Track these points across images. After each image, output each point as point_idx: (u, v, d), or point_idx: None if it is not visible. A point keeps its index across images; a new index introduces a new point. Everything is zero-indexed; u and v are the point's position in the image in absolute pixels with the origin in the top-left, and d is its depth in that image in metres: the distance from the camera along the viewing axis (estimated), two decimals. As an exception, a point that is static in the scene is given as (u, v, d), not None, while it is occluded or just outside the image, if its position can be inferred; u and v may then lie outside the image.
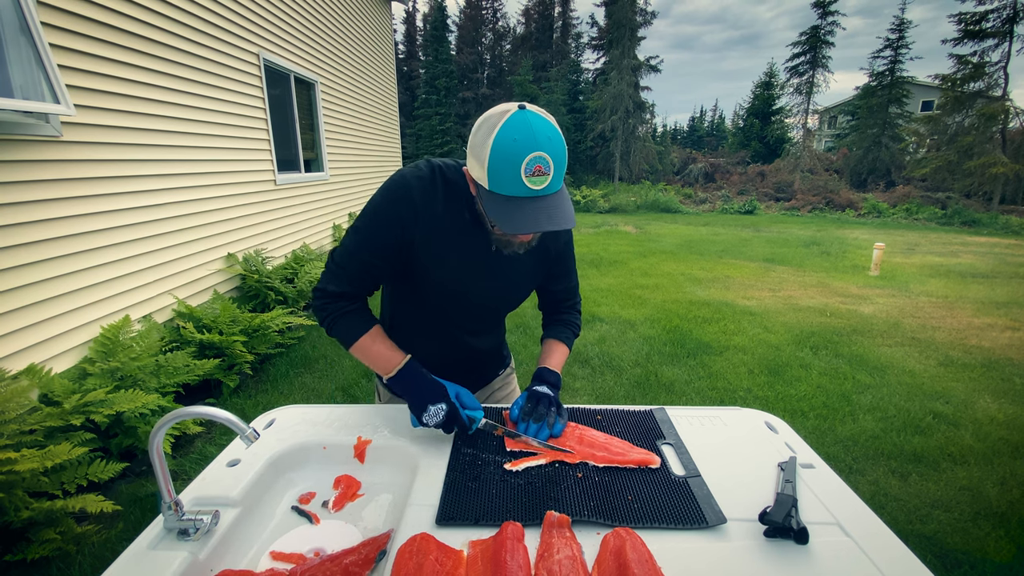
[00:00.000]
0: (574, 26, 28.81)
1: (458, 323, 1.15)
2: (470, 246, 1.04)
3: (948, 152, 16.15)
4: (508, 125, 0.82)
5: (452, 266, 1.04)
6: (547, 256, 1.15)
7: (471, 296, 1.10)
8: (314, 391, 3.30)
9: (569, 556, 0.72)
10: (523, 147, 0.82)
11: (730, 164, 23.48)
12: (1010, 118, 15.20)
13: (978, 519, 2.17)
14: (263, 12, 5.00)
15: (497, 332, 1.29)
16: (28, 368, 2.41)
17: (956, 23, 15.73)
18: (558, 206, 0.87)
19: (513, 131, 0.82)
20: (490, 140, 0.83)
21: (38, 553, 1.79)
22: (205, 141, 4.01)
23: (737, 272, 7.17)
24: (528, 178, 0.83)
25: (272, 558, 0.83)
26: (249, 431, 0.75)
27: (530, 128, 0.82)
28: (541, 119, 0.84)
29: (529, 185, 0.84)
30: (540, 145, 0.82)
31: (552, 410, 1.05)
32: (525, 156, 0.82)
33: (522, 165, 0.82)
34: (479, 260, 1.05)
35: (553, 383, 1.13)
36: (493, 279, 1.09)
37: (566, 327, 1.27)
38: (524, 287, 1.16)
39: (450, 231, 1.02)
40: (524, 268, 1.12)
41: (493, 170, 0.84)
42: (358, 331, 1.06)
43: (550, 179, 0.85)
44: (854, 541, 0.77)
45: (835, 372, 3.70)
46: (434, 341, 1.16)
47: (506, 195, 0.86)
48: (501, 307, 1.18)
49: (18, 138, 2.44)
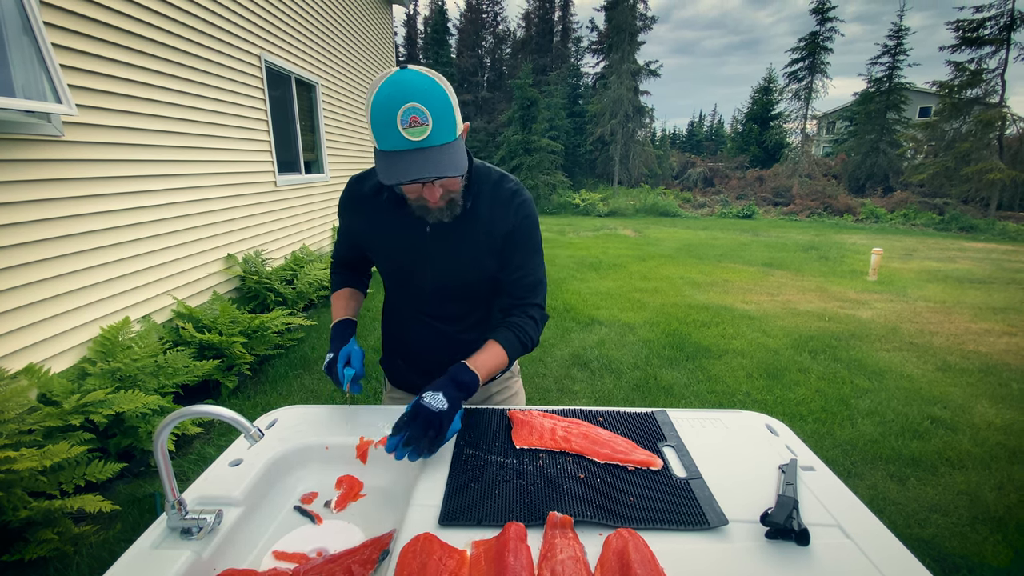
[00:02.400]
0: (574, 30, 28.90)
1: (426, 310, 1.19)
2: (403, 228, 1.10)
3: (945, 158, 16.21)
4: (385, 83, 0.86)
5: (391, 249, 1.14)
6: (492, 234, 1.10)
7: (417, 278, 1.14)
8: (313, 392, 3.30)
9: (572, 556, 0.73)
10: (397, 100, 0.84)
11: (729, 169, 23.54)
12: (1007, 125, 15.27)
13: (976, 523, 2.17)
14: (265, 14, 5.01)
15: (477, 317, 1.22)
16: (27, 368, 2.41)
17: (954, 30, 15.83)
18: (440, 155, 0.89)
19: (388, 88, 0.85)
20: (370, 100, 0.87)
21: (35, 553, 1.79)
22: (206, 142, 4.02)
23: (736, 276, 7.18)
24: (405, 129, 0.85)
25: (275, 558, 0.84)
26: (254, 430, 0.75)
27: (402, 83, 0.85)
28: (419, 74, 0.87)
29: (407, 136, 0.86)
30: (414, 96, 0.84)
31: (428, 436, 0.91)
32: (399, 108, 0.84)
33: (397, 117, 0.84)
34: (415, 241, 1.10)
35: (461, 384, 0.99)
36: (433, 259, 1.11)
37: (510, 328, 1.12)
38: (473, 267, 1.12)
39: (382, 216, 1.12)
40: (467, 246, 1.09)
41: (375, 128, 0.87)
42: (333, 289, 1.32)
43: (429, 130, 0.86)
44: (855, 543, 0.77)
45: (833, 376, 3.70)
46: (414, 330, 1.22)
47: (388, 149, 0.88)
48: (455, 289, 1.14)
49: (20, 137, 2.45)
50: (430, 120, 0.86)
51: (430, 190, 0.96)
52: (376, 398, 3.23)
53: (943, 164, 16.17)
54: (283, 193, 5.46)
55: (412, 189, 0.98)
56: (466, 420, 1.12)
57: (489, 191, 1.10)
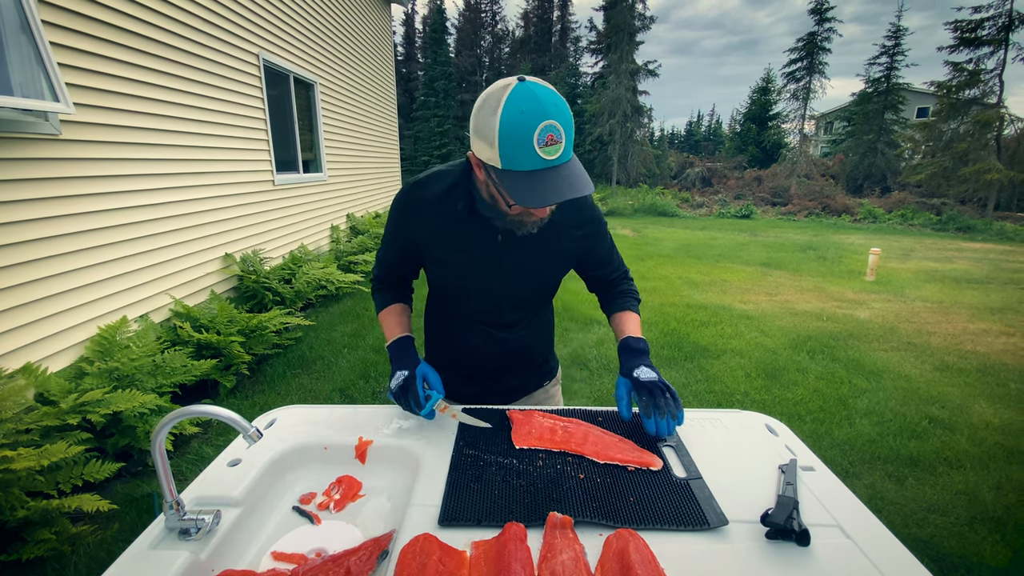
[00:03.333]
0: (573, 30, 28.92)
1: (485, 319, 1.18)
2: (473, 237, 1.06)
3: (943, 158, 16.25)
4: (513, 98, 0.80)
5: (458, 258, 1.09)
6: (564, 245, 1.11)
7: (483, 287, 1.12)
8: (311, 392, 3.29)
9: (572, 557, 0.73)
10: (533, 118, 0.79)
11: (727, 169, 23.57)
12: (1005, 125, 15.32)
13: (974, 523, 2.18)
14: (263, 12, 5.00)
15: (533, 329, 1.24)
16: (24, 367, 2.40)
17: (952, 30, 15.86)
18: (575, 174, 0.85)
19: (519, 103, 0.80)
20: (496, 117, 0.81)
21: (33, 553, 1.78)
22: (204, 141, 4.01)
23: (734, 276, 7.19)
24: (542, 148, 0.81)
25: (273, 558, 0.83)
26: (252, 430, 0.75)
27: (536, 98, 0.80)
28: (544, 88, 0.82)
29: (544, 156, 0.82)
30: (549, 113, 0.80)
31: (668, 399, 1.00)
32: (536, 126, 0.79)
33: (534, 136, 0.80)
34: (486, 250, 1.07)
35: (645, 352, 1.10)
36: (504, 268, 1.09)
37: (628, 295, 1.23)
38: (545, 274, 1.13)
39: (448, 227, 1.06)
40: (542, 253, 1.09)
41: (505, 147, 0.81)
42: (382, 305, 1.25)
43: (563, 147, 0.83)
44: (855, 543, 0.77)
45: (832, 376, 3.71)
46: (469, 339, 1.21)
47: (522, 170, 0.83)
48: (521, 297, 1.15)
49: (17, 136, 2.44)
50: (563, 137, 0.82)
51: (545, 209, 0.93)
52: (375, 397, 3.23)
53: (941, 164, 16.22)
54: (281, 192, 5.45)
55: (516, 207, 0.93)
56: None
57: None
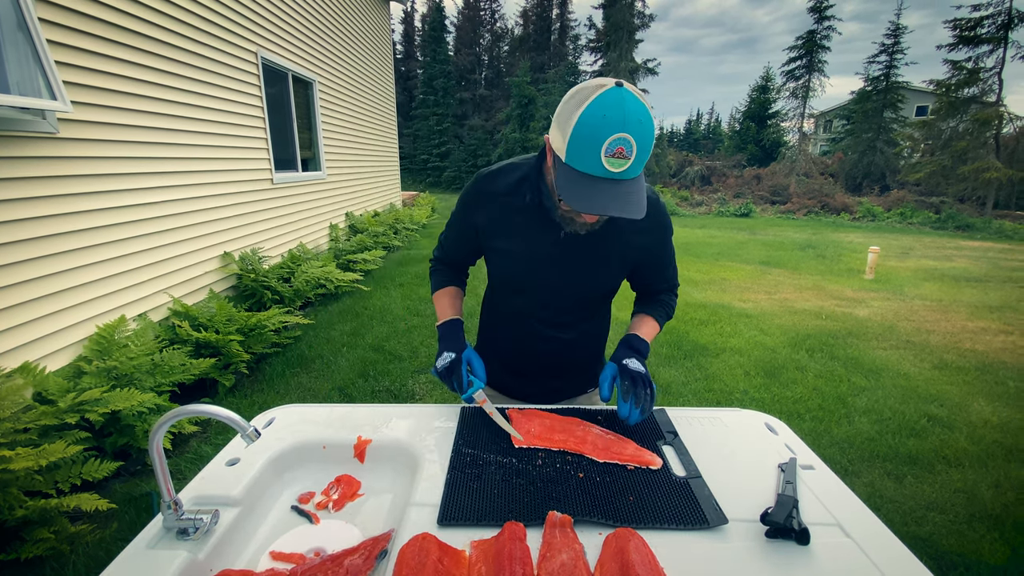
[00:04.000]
0: (572, 28, 28.89)
1: (541, 315, 1.17)
2: (535, 231, 1.07)
3: (942, 157, 16.26)
4: (600, 100, 0.79)
5: (519, 252, 1.09)
6: (627, 250, 1.09)
7: (541, 284, 1.11)
8: (310, 391, 3.29)
9: (571, 556, 0.72)
10: (610, 126, 0.78)
11: (726, 167, 23.55)
12: (1004, 123, 15.32)
13: (973, 521, 2.18)
14: (261, 11, 4.98)
15: (585, 334, 1.23)
16: (22, 366, 2.39)
17: (951, 29, 15.85)
18: (631, 193, 0.84)
19: (604, 107, 0.79)
20: (578, 112, 0.80)
21: (32, 552, 1.77)
22: (202, 139, 4.00)
23: (733, 275, 7.19)
24: (607, 158, 0.80)
25: (272, 558, 0.83)
26: (250, 430, 0.75)
27: (622, 108, 0.78)
28: (636, 101, 0.80)
29: (607, 166, 0.81)
30: (628, 127, 0.79)
31: (646, 393, 1.01)
32: (609, 135, 0.79)
33: (604, 144, 0.79)
34: (547, 247, 1.07)
35: (643, 353, 1.10)
36: (564, 266, 1.08)
37: (660, 305, 1.22)
38: (603, 276, 1.12)
39: (513, 216, 1.07)
40: (603, 256, 1.08)
41: (574, 143, 0.81)
42: (437, 286, 1.28)
43: (630, 164, 0.81)
44: (855, 542, 0.77)
45: (831, 375, 3.71)
46: (522, 335, 1.21)
47: (581, 171, 0.83)
48: (578, 297, 1.14)
49: (15, 134, 2.43)
50: (634, 154, 0.81)
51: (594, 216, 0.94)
52: (374, 396, 3.22)
53: (940, 163, 16.22)
54: (280, 191, 5.44)
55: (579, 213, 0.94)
56: (464, 419, 1.11)
57: None
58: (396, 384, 3.38)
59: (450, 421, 1.12)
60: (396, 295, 5.54)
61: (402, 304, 5.19)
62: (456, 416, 1.13)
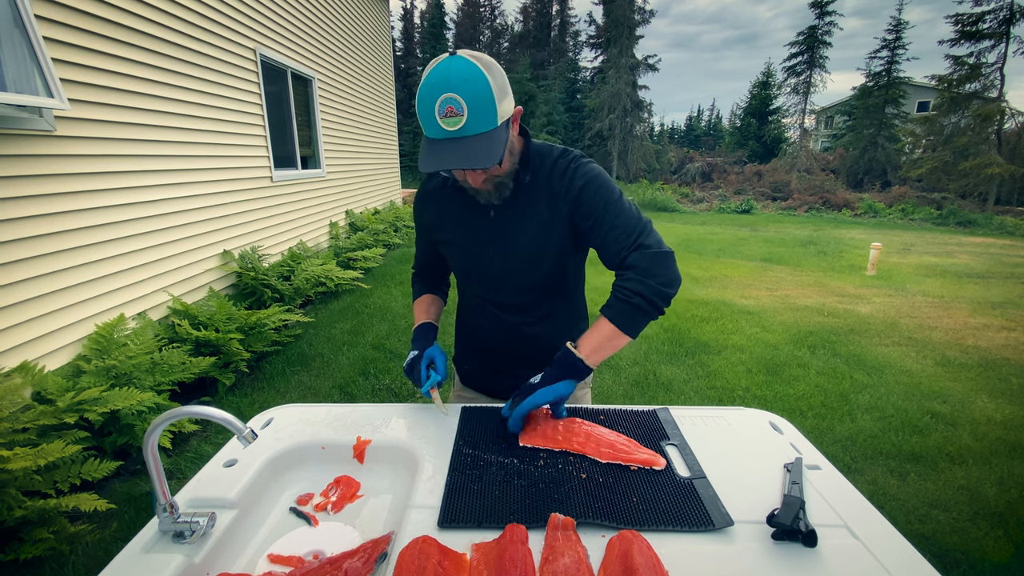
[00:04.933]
0: (572, 24, 28.80)
1: (493, 298, 1.19)
2: (469, 216, 1.12)
3: (944, 153, 16.22)
4: (432, 71, 0.88)
5: (459, 236, 1.15)
6: (556, 208, 1.06)
7: (484, 264, 1.14)
8: (311, 389, 3.28)
9: (574, 559, 0.71)
10: (437, 89, 0.86)
11: (727, 164, 23.51)
12: (1006, 119, 15.30)
13: (976, 519, 2.17)
14: (260, 7, 4.96)
15: (550, 319, 1.19)
16: (21, 365, 2.38)
17: (953, 24, 15.81)
18: (473, 147, 0.90)
19: (433, 75, 0.87)
20: (419, 87, 0.90)
21: (31, 553, 1.77)
22: (201, 137, 3.98)
23: (734, 271, 7.17)
24: (442, 119, 0.87)
25: (270, 561, 0.82)
26: (247, 431, 0.73)
27: (448, 71, 0.86)
28: (464, 62, 0.87)
29: (444, 126, 0.88)
30: (452, 87, 0.85)
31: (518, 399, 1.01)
32: (437, 98, 0.86)
33: (435, 106, 0.87)
34: (480, 226, 1.11)
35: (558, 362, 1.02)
36: (498, 242, 1.10)
37: (613, 295, 1.02)
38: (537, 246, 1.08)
39: (449, 207, 1.14)
40: (531, 225, 1.08)
41: (419, 113, 0.90)
42: (415, 296, 1.36)
43: (464, 120, 0.87)
44: (862, 543, 0.76)
45: (833, 372, 3.70)
46: (482, 323, 1.24)
47: (429, 137, 0.91)
48: (520, 274, 1.12)
49: (11, 132, 2.41)
50: (465, 111, 0.87)
51: (472, 175, 0.99)
52: (375, 395, 3.21)
53: (941, 159, 16.19)
54: (279, 189, 5.42)
55: (458, 174, 1.02)
56: (465, 419, 1.10)
57: (549, 167, 1.08)
58: (397, 382, 3.37)
59: (450, 421, 1.10)
60: (396, 293, 5.53)
61: (402, 302, 5.18)
62: (457, 416, 1.12)
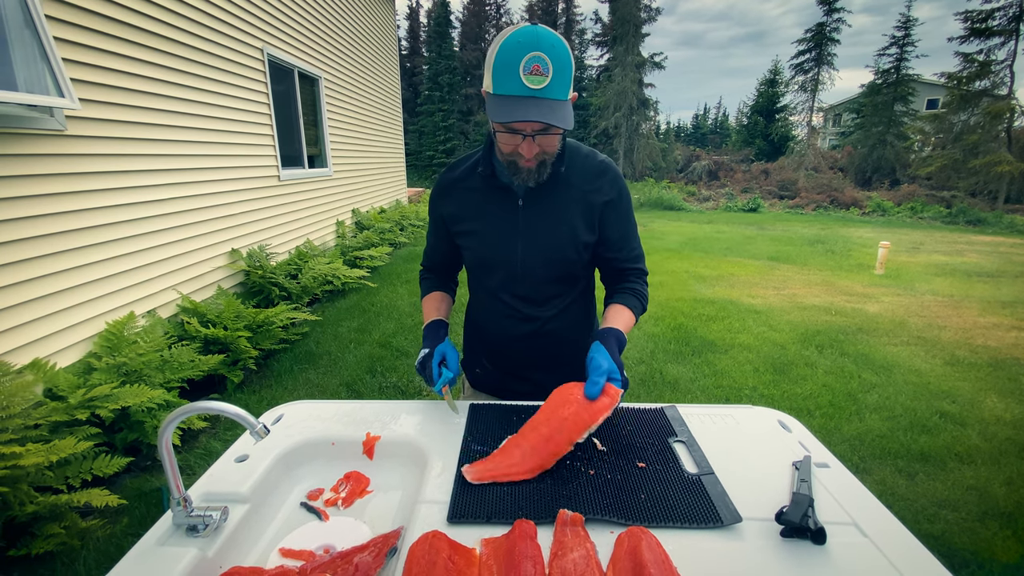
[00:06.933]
0: (578, 22, 28.72)
1: (514, 290, 1.16)
2: (494, 205, 1.11)
3: (953, 151, 16.07)
4: (516, 32, 0.89)
5: (483, 225, 1.13)
6: (588, 204, 1.09)
7: (508, 254, 1.12)
8: (318, 387, 3.29)
9: (583, 555, 0.71)
10: (524, 47, 0.86)
11: (734, 162, 23.39)
12: (1015, 117, 15.12)
13: (985, 519, 2.16)
14: (267, 7, 4.98)
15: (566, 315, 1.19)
16: (33, 363, 2.41)
17: (962, 21, 15.64)
18: (554, 108, 0.90)
19: (518, 35, 0.88)
20: (498, 45, 0.89)
21: (42, 548, 1.79)
22: (209, 136, 4.01)
23: (741, 270, 7.14)
24: (527, 76, 0.87)
25: (281, 555, 0.83)
26: (259, 427, 0.74)
27: (535, 33, 0.87)
28: (549, 31, 0.89)
29: (527, 83, 0.88)
30: (541, 47, 0.86)
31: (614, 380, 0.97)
32: (524, 55, 0.86)
33: (521, 63, 0.86)
34: (507, 214, 1.10)
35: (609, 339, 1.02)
36: (526, 230, 1.10)
37: (631, 294, 1.15)
38: (566, 237, 1.09)
39: (473, 197, 1.13)
40: (561, 215, 1.09)
41: (497, 71, 0.89)
42: (424, 293, 1.34)
43: (548, 80, 0.88)
44: (871, 541, 0.76)
45: (841, 371, 3.68)
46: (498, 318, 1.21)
47: (505, 94, 0.90)
48: (546, 264, 1.11)
49: (23, 132, 2.44)
50: (551, 71, 0.88)
51: (528, 145, 0.96)
52: (382, 392, 3.23)
53: (951, 157, 16.04)
54: (286, 187, 5.45)
55: (511, 141, 0.97)
56: (474, 416, 1.11)
57: (580, 163, 1.11)
58: (404, 380, 3.38)
59: (459, 417, 1.11)
60: (403, 291, 5.55)
61: (409, 300, 5.20)
62: (465, 412, 1.13)
